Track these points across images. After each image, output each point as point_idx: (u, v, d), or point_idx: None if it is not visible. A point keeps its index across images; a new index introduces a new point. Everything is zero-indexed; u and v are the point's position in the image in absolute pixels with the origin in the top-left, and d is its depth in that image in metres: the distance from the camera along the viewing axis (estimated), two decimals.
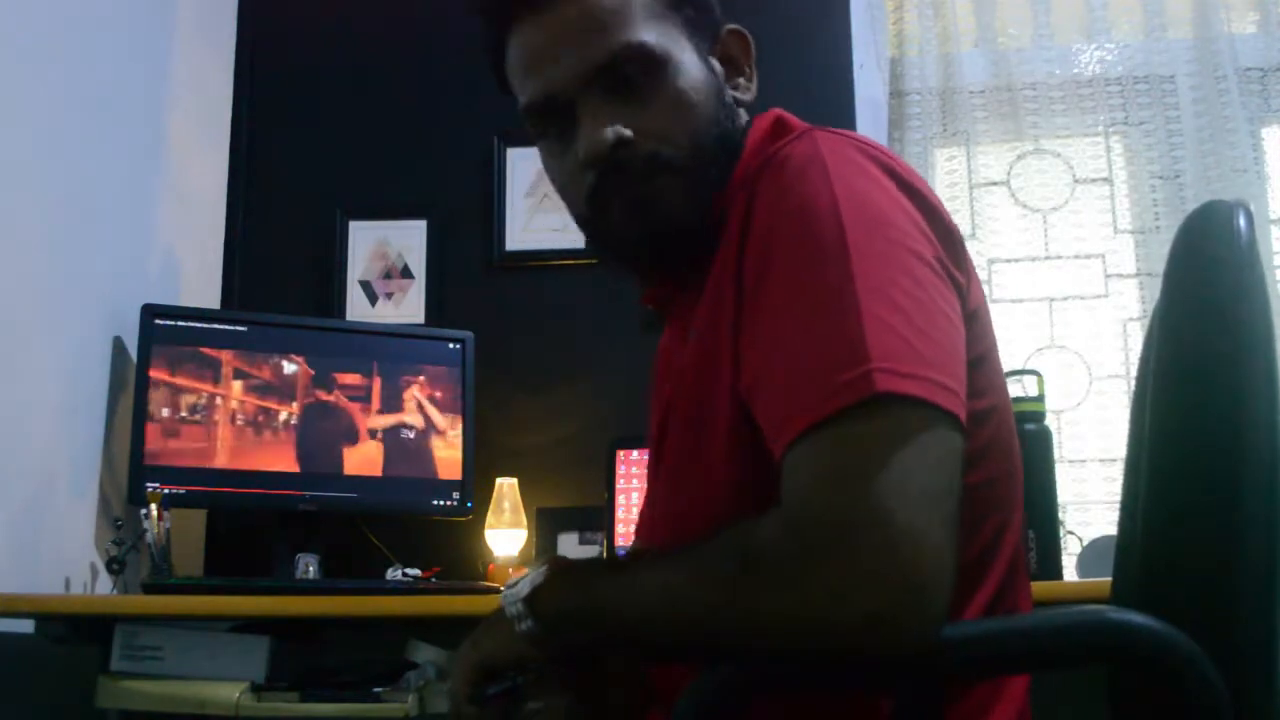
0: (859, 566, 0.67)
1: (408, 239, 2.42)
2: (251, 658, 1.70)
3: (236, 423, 2.01)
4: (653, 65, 0.91)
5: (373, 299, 2.40)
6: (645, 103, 0.91)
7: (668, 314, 1.05)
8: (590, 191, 0.93)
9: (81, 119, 1.96)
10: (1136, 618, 0.68)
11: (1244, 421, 0.77)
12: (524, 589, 0.86)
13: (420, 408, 2.13)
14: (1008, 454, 0.89)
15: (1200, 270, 0.84)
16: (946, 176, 2.40)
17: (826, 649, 0.69)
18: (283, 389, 2.05)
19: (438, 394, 2.15)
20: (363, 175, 2.47)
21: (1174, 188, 2.28)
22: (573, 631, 0.84)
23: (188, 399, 1.98)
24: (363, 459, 2.08)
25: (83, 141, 1.96)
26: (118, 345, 2.04)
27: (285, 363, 2.06)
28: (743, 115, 1.01)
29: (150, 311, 1.98)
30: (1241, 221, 0.83)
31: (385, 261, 2.42)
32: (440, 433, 2.13)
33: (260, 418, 2.03)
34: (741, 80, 1.02)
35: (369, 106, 2.50)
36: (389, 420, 2.11)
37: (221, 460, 1.98)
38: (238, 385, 2.02)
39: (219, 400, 2.00)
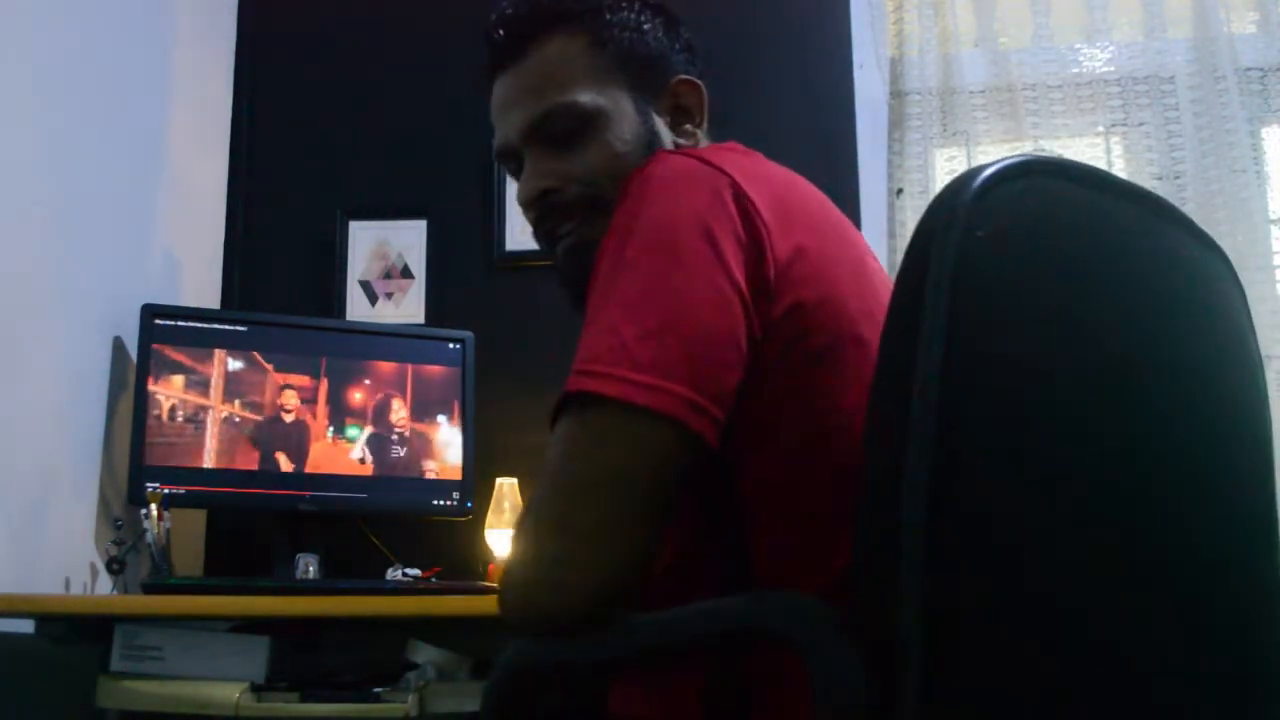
0: (516, 559, 0.81)
1: (408, 239, 2.42)
2: (251, 658, 1.70)
3: (236, 423, 2.01)
4: (583, 120, 1.03)
5: (373, 299, 2.40)
6: (576, 153, 1.03)
7: None
8: (534, 231, 1.08)
9: (81, 119, 1.96)
10: (780, 600, 0.69)
11: (910, 411, 0.67)
12: None
13: (419, 407, 2.13)
14: (854, 453, 0.85)
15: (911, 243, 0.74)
16: (947, 176, 2.40)
17: (513, 629, 0.81)
18: (282, 389, 2.05)
19: (436, 394, 2.15)
20: (363, 175, 2.47)
21: (1174, 188, 2.28)
22: None
23: (188, 399, 1.98)
24: (362, 459, 2.08)
25: (83, 141, 1.96)
26: (118, 345, 2.04)
27: (285, 363, 2.06)
28: None
29: (150, 311, 1.98)
30: (976, 184, 0.71)
31: (385, 261, 2.42)
32: (440, 432, 2.13)
33: (260, 418, 2.03)
34: (689, 126, 1.10)
35: (369, 107, 2.50)
36: (389, 419, 2.11)
37: (221, 460, 1.98)
38: (237, 385, 2.02)
39: (219, 400, 2.00)
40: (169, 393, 1.97)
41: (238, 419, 2.01)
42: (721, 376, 0.81)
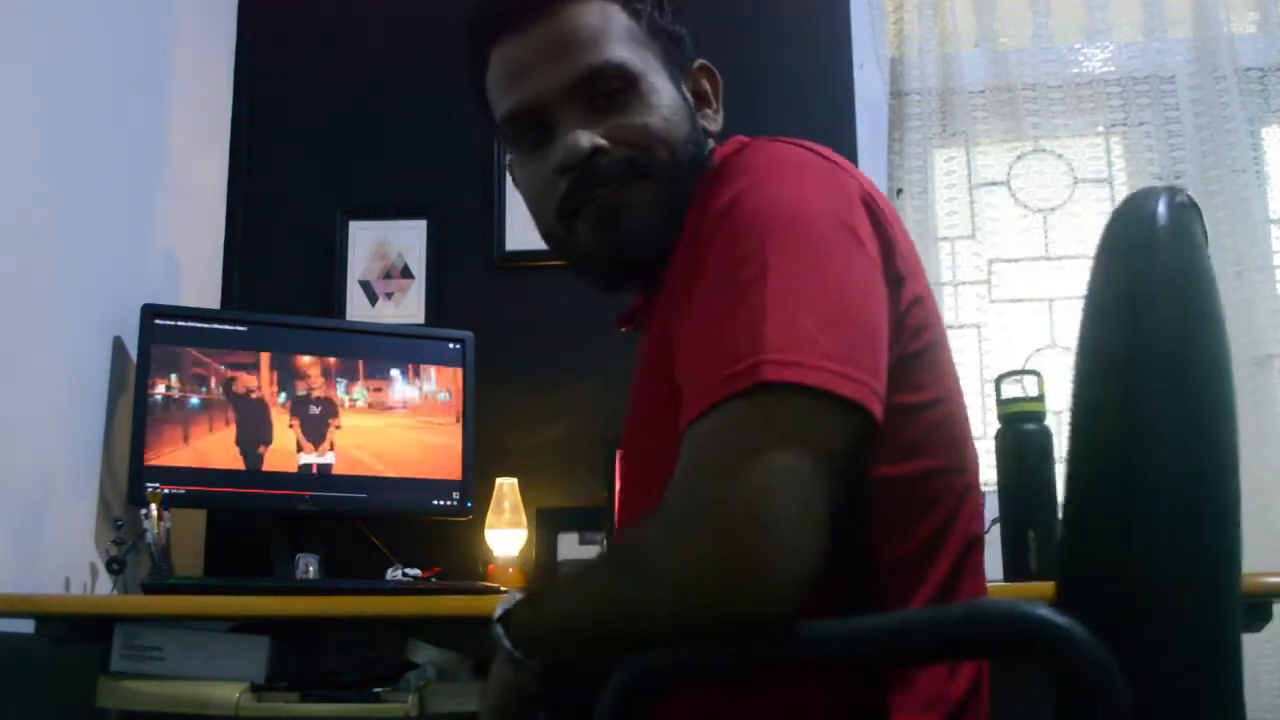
0: (699, 554, 0.71)
1: (408, 239, 2.42)
2: (251, 658, 1.70)
3: (236, 423, 2.01)
4: (629, 82, 0.96)
5: (373, 299, 2.40)
6: (621, 115, 0.96)
7: (640, 332, 1.08)
8: (562, 199, 0.97)
9: (81, 119, 1.96)
10: (1028, 608, 0.67)
11: (1141, 418, 0.74)
12: (498, 609, 0.87)
13: (419, 407, 2.13)
14: (954, 449, 0.90)
15: (1109, 260, 0.81)
16: (946, 177, 2.40)
17: (683, 635, 0.72)
18: (282, 389, 2.05)
19: (437, 393, 2.15)
20: (363, 175, 2.47)
21: None
22: (538, 649, 0.84)
23: (188, 399, 1.98)
24: (362, 458, 2.08)
25: (83, 141, 1.96)
26: (118, 345, 2.04)
27: (285, 363, 2.06)
28: (710, 144, 1.04)
29: (150, 311, 1.98)
30: (1161, 207, 0.78)
31: (385, 261, 2.42)
32: (438, 431, 2.13)
33: (260, 418, 2.03)
34: (709, 111, 1.06)
35: (369, 106, 2.50)
36: (387, 419, 2.11)
37: (221, 460, 1.98)
38: (237, 386, 2.02)
39: (219, 400, 2.00)
40: (169, 392, 1.97)
41: (237, 419, 2.01)
42: (884, 367, 0.79)
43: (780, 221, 0.80)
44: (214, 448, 1.98)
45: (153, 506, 1.83)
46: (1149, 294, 0.76)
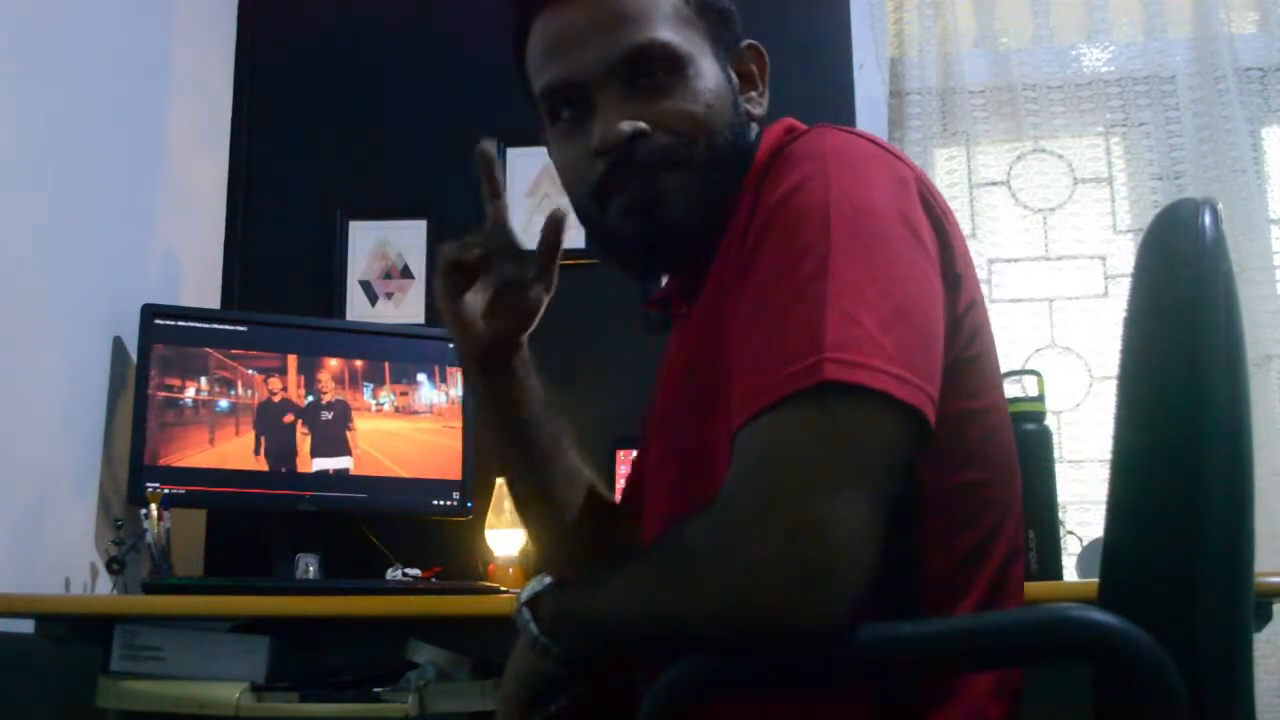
0: (760, 557, 0.68)
1: (408, 239, 2.42)
2: (251, 658, 1.70)
3: (236, 423, 2.01)
4: (674, 64, 0.93)
5: (373, 299, 2.40)
6: (663, 99, 0.93)
7: (672, 317, 1.06)
8: (598, 181, 0.94)
9: (81, 119, 1.96)
10: (1095, 614, 0.67)
11: (1203, 423, 0.75)
12: (525, 594, 0.87)
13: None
14: (1004, 457, 0.89)
15: (1163, 269, 0.83)
16: (946, 176, 2.40)
17: (737, 639, 0.70)
18: (283, 389, 2.05)
19: (440, 394, 2.15)
20: (363, 175, 2.47)
21: (1174, 188, 2.28)
22: (570, 638, 0.83)
23: (188, 399, 1.98)
24: (363, 459, 2.08)
25: (83, 141, 1.96)
26: (118, 345, 2.04)
27: (285, 362, 2.06)
28: (754, 128, 1.01)
29: (150, 311, 1.98)
30: (1207, 219, 0.80)
31: (385, 261, 2.42)
32: (440, 432, 2.13)
33: (259, 418, 2.03)
34: (754, 94, 1.03)
35: (369, 106, 2.50)
36: (389, 420, 2.11)
37: (221, 460, 1.98)
38: (237, 385, 2.02)
39: (219, 400, 2.00)
40: (169, 392, 1.97)
41: (237, 419, 2.01)
42: (939, 372, 0.77)
43: (843, 214, 0.77)
44: (214, 447, 1.98)
45: (153, 506, 1.83)
46: (1208, 306, 0.78)
